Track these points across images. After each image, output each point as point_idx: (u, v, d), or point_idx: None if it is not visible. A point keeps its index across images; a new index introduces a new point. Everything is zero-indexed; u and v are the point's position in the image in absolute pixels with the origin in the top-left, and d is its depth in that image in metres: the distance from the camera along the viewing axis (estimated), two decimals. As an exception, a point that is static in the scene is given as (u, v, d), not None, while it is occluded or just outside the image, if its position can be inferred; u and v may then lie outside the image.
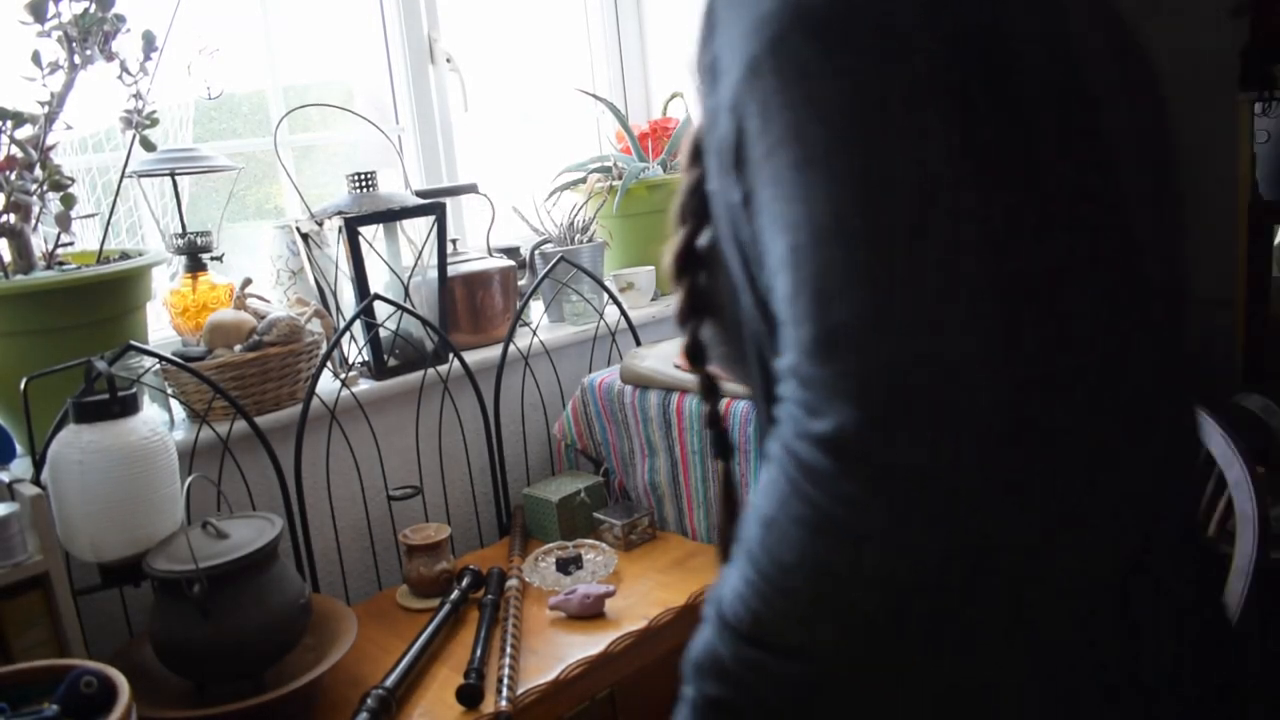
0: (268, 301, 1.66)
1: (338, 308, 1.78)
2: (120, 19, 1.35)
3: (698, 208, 0.60)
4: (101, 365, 1.22)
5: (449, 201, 1.84)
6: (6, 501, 1.18)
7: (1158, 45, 0.61)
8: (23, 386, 1.26)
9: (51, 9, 1.30)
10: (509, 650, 1.35)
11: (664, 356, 1.75)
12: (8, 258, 1.35)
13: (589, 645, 1.39)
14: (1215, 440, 1.21)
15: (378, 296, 1.66)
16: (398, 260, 1.82)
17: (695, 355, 0.65)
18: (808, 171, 0.47)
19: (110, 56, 1.35)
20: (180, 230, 1.62)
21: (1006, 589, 0.50)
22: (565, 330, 2.04)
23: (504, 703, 1.25)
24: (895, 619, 0.48)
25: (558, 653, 1.39)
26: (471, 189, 1.99)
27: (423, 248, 1.78)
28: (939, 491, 0.45)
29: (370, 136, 1.88)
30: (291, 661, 1.29)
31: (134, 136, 1.41)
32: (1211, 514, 1.24)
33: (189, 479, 1.28)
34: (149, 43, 1.39)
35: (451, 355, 1.77)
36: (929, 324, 0.45)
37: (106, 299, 1.36)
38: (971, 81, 0.47)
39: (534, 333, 1.95)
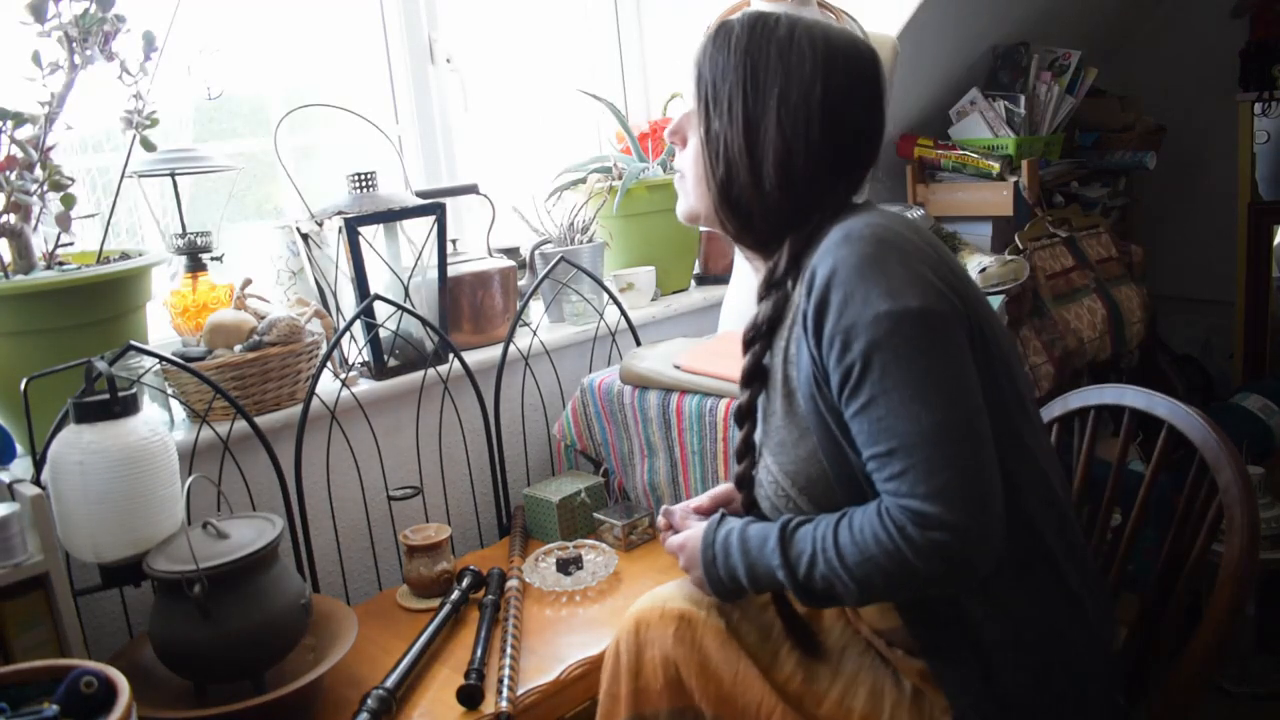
0: (268, 301, 1.66)
1: (338, 308, 1.78)
2: (120, 19, 1.35)
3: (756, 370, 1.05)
4: (101, 365, 1.22)
5: (449, 201, 1.84)
6: (6, 501, 1.18)
7: (1158, 45, 0.61)
8: (23, 386, 1.26)
9: (51, 9, 1.30)
10: (509, 651, 1.35)
11: (664, 357, 1.75)
12: (8, 258, 1.35)
13: (589, 645, 1.39)
14: (1208, 444, 1.19)
15: (378, 297, 1.66)
16: (398, 260, 1.82)
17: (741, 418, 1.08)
18: (913, 403, 0.88)
19: (110, 56, 1.35)
20: (180, 230, 1.62)
21: None
22: (565, 330, 2.04)
23: (504, 703, 1.25)
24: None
25: (558, 653, 1.39)
26: (471, 189, 1.99)
27: (423, 248, 1.78)
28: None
29: (370, 136, 1.88)
30: (291, 661, 1.30)
31: (134, 136, 1.41)
32: (1204, 518, 1.22)
33: (189, 479, 1.28)
34: (149, 43, 1.39)
35: (451, 355, 1.77)
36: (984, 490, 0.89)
37: (106, 299, 1.36)
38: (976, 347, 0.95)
39: (534, 333, 1.95)
